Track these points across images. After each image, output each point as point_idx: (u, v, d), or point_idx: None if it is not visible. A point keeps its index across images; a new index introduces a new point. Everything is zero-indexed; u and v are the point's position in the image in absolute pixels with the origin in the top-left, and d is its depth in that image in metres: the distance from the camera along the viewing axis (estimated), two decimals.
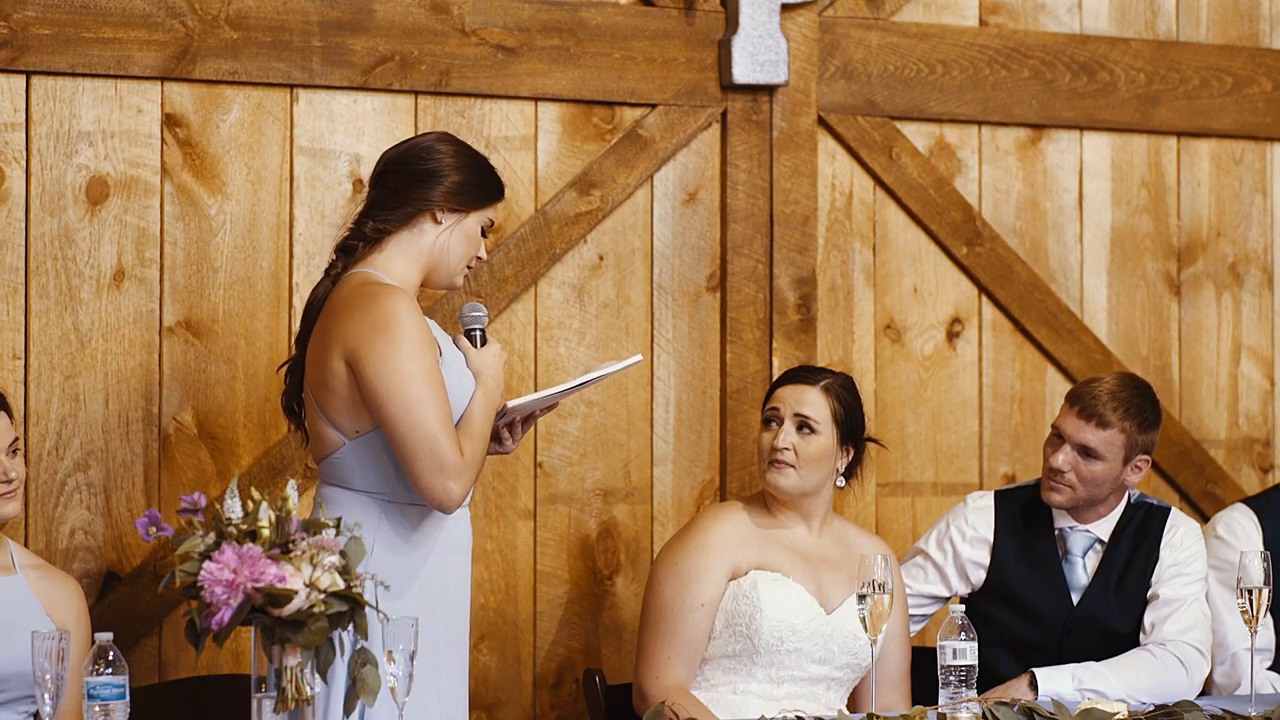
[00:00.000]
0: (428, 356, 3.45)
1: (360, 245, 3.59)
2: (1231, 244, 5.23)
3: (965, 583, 4.28)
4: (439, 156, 3.60)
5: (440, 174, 3.59)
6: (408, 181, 3.59)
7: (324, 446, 3.54)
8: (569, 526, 4.58)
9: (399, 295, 3.47)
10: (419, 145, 3.64)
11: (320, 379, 3.51)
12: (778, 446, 3.97)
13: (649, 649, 3.94)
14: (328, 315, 3.54)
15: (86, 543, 4.16)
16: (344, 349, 3.46)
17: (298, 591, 2.93)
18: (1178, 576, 4.22)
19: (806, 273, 4.74)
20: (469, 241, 3.62)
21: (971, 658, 3.59)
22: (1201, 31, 5.19)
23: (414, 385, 3.41)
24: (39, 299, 4.12)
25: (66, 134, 4.14)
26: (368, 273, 3.56)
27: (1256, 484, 5.19)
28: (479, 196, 3.62)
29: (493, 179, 3.66)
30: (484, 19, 4.46)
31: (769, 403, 4.03)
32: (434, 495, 3.44)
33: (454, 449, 3.43)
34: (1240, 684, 4.24)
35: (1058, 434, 4.20)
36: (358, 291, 3.50)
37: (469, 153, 3.65)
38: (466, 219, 3.61)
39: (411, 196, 3.58)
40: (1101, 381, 4.23)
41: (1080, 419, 4.16)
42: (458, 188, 3.59)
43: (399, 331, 3.43)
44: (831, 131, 4.80)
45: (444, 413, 3.44)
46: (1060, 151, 5.06)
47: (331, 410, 3.50)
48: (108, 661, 3.07)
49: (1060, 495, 4.19)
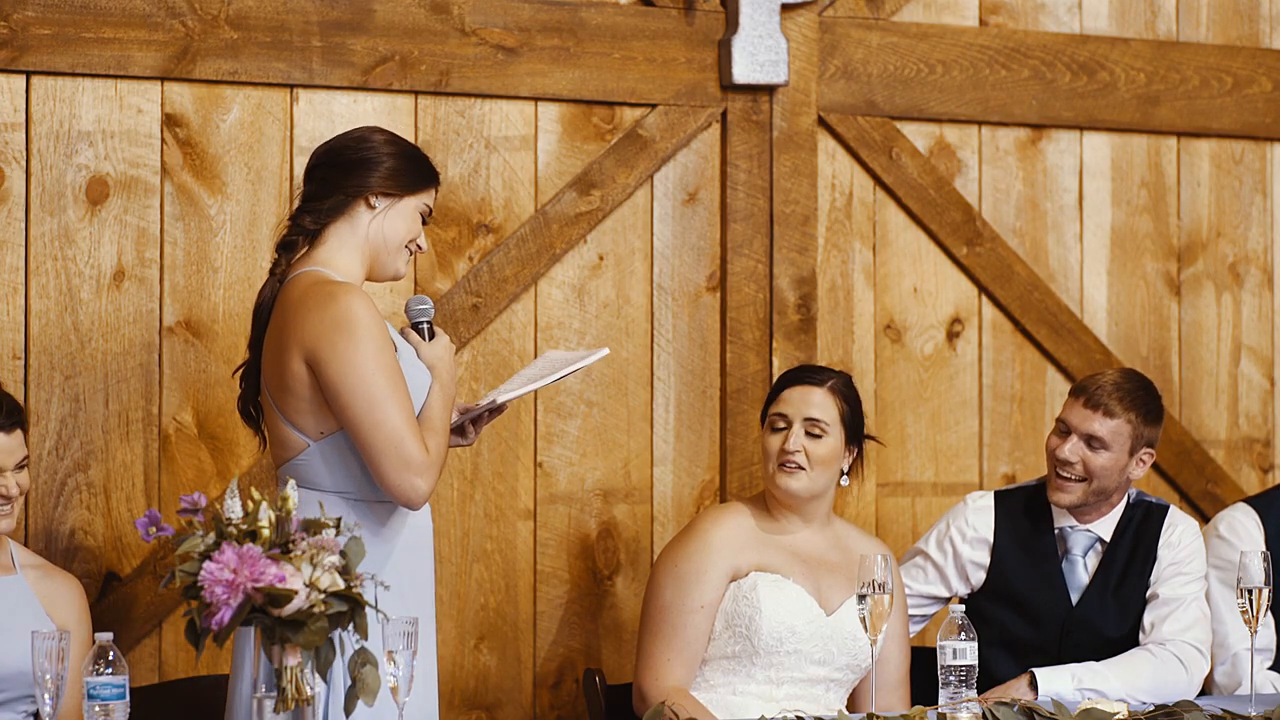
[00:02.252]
0: (387, 353, 3.44)
1: (299, 240, 3.57)
2: (1231, 244, 5.22)
3: (965, 583, 4.28)
4: (371, 145, 3.59)
5: (372, 161, 3.57)
6: (340, 171, 3.57)
7: (286, 449, 3.52)
8: (569, 526, 4.58)
9: (355, 293, 3.46)
10: (350, 136, 3.63)
11: (279, 381, 3.49)
12: (789, 450, 3.96)
13: (649, 650, 3.94)
14: (281, 315, 3.51)
15: (86, 543, 4.16)
16: (303, 349, 3.44)
17: (298, 591, 2.92)
18: (1177, 576, 4.22)
19: (806, 273, 4.74)
20: (406, 224, 3.59)
21: (971, 658, 3.59)
22: (1201, 31, 5.19)
23: (377, 383, 3.41)
24: (39, 299, 4.12)
25: (66, 134, 4.14)
26: (316, 270, 3.53)
27: (1256, 484, 5.19)
28: (412, 180, 3.60)
29: (425, 164, 3.64)
30: (484, 19, 4.46)
31: (774, 406, 4.02)
32: (401, 492, 3.44)
33: (419, 446, 3.43)
34: (1241, 684, 4.24)
35: (1063, 427, 4.20)
36: (312, 290, 3.48)
37: (401, 141, 3.63)
38: (400, 202, 3.58)
39: (344, 185, 3.56)
40: (1105, 374, 4.25)
41: (1087, 409, 4.16)
42: (390, 172, 3.57)
43: (359, 330, 3.41)
44: (831, 131, 4.80)
45: (407, 410, 3.43)
46: (1060, 151, 5.06)
47: (293, 412, 3.49)
48: (108, 661, 3.07)
49: (1069, 494, 4.18)
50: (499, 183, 4.51)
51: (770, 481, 3.99)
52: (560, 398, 4.55)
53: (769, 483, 4.00)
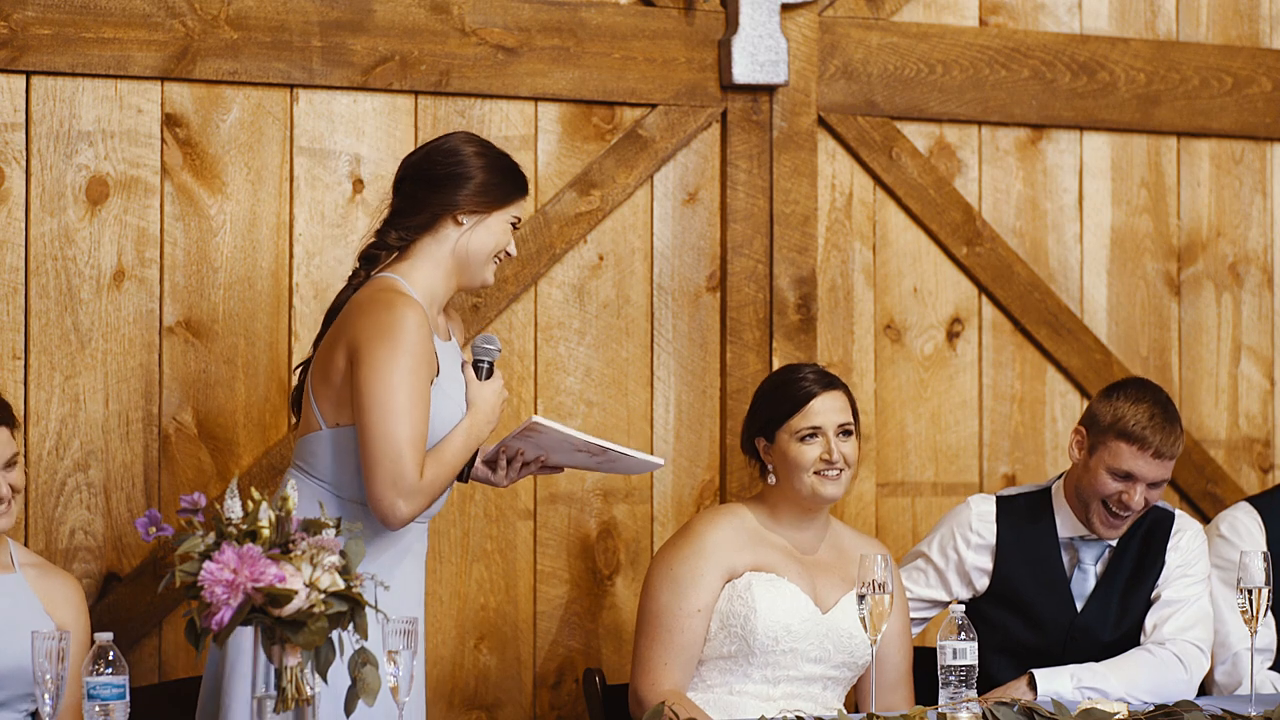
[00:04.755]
0: (420, 373, 3.45)
1: (383, 254, 3.60)
2: (1231, 244, 5.22)
3: (968, 587, 4.26)
4: (461, 160, 3.59)
5: (462, 178, 3.58)
6: (429, 188, 3.59)
7: (305, 426, 3.59)
8: (569, 526, 4.58)
9: (411, 306, 3.48)
10: (440, 149, 3.63)
11: (323, 370, 3.55)
12: (834, 460, 3.95)
13: (645, 654, 3.94)
14: (344, 315, 3.57)
15: (86, 543, 4.16)
16: (348, 345, 3.50)
17: (298, 591, 2.92)
18: (1182, 578, 4.21)
19: (806, 273, 4.74)
20: (495, 238, 3.61)
21: (971, 658, 3.58)
22: (1201, 31, 5.19)
23: (397, 396, 3.42)
24: (39, 299, 4.12)
25: (66, 134, 4.14)
26: (391, 278, 3.57)
27: (1256, 484, 5.19)
28: (501, 195, 3.61)
29: (515, 176, 3.64)
30: (484, 19, 4.46)
31: (802, 419, 3.95)
32: (381, 507, 3.45)
33: (415, 468, 3.44)
34: (1241, 684, 4.24)
35: (1124, 475, 4.11)
36: (376, 296, 3.52)
37: (492, 152, 3.63)
38: (489, 218, 3.60)
39: (433, 202, 3.58)
40: (1142, 408, 4.13)
41: (1154, 459, 4.09)
42: (480, 189, 3.58)
43: (400, 341, 3.44)
44: (831, 131, 4.80)
45: (418, 431, 3.44)
46: (1060, 151, 5.06)
47: (320, 396, 3.54)
48: (108, 661, 3.07)
49: (1121, 530, 4.17)
50: None
51: (804, 490, 3.96)
52: (560, 398, 4.56)
53: (802, 491, 3.96)
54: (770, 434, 4.00)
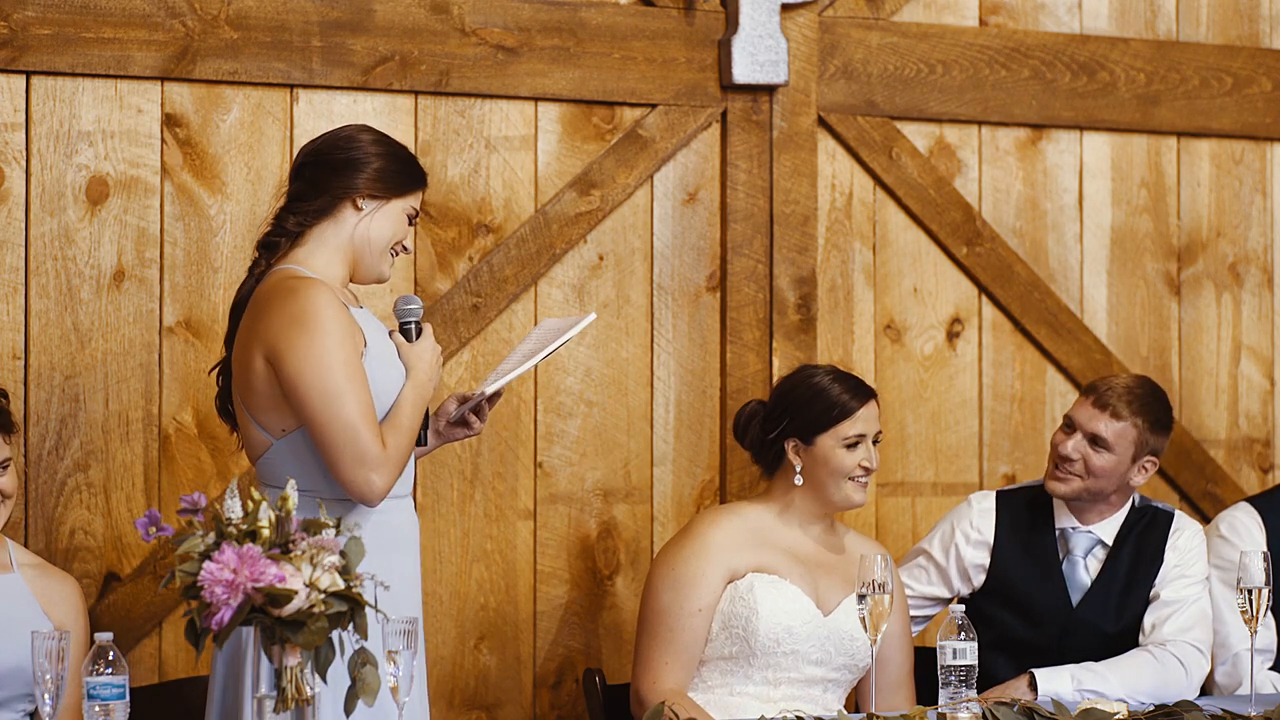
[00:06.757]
0: (346, 348, 3.40)
1: (283, 241, 3.54)
2: (1231, 244, 5.23)
3: (967, 584, 4.28)
4: (359, 145, 3.55)
5: (361, 162, 3.54)
6: (328, 171, 3.54)
7: (254, 448, 3.51)
8: (569, 526, 4.58)
9: (317, 287, 3.43)
10: (340, 135, 3.60)
11: (244, 379, 3.48)
12: (872, 467, 4.01)
13: (646, 654, 3.94)
14: (250, 313, 3.49)
15: (86, 543, 4.16)
16: (264, 346, 3.42)
17: (298, 591, 2.92)
18: (1180, 578, 4.22)
19: (806, 273, 4.74)
20: (392, 226, 3.56)
21: (971, 658, 3.59)
22: (1201, 31, 5.19)
23: (332, 378, 3.37)
24: (39, 299, 4.12)
25: (66, 134, 4.14)
26: (290, 268, 3.51)
27: (1256, 484, 5.19)
28: (400, 184, 3.57)
29: (414, 166, 3.61)
30: (484, 19, 4.46)
31: (848, 426, 3.99)
32: (356, 488, 3.41)
33: (375, 441, 3.39)
34: (1241, 684, 4.24)
35: (1069, 423, 4.22)
36: (277, 287, 3.46)
37: (390, 141, 3.60)
38: (387, 204, 3.55)
39: (332, 185, 3.53)
40: (1119, 377, 4.28)
41: (1095, 408, 4.18)
42: (379, 174, 3.54)
43: (316, 324, 3.38)
44: (831, 131, 4.80)
45: (364, 405, 3.39)
46: (1060, 151, 5.06)
47: (257, 410, 3.47)
48: (108, 661, 3.07)
49: (1065, 485, 4.19)
50: (499, 183, 4.51)
51: (836, 495, 4.00)
52: (560, 398, 4.56)
53: (834, 496, 4.00)
54: (808, 437, 4.00)
